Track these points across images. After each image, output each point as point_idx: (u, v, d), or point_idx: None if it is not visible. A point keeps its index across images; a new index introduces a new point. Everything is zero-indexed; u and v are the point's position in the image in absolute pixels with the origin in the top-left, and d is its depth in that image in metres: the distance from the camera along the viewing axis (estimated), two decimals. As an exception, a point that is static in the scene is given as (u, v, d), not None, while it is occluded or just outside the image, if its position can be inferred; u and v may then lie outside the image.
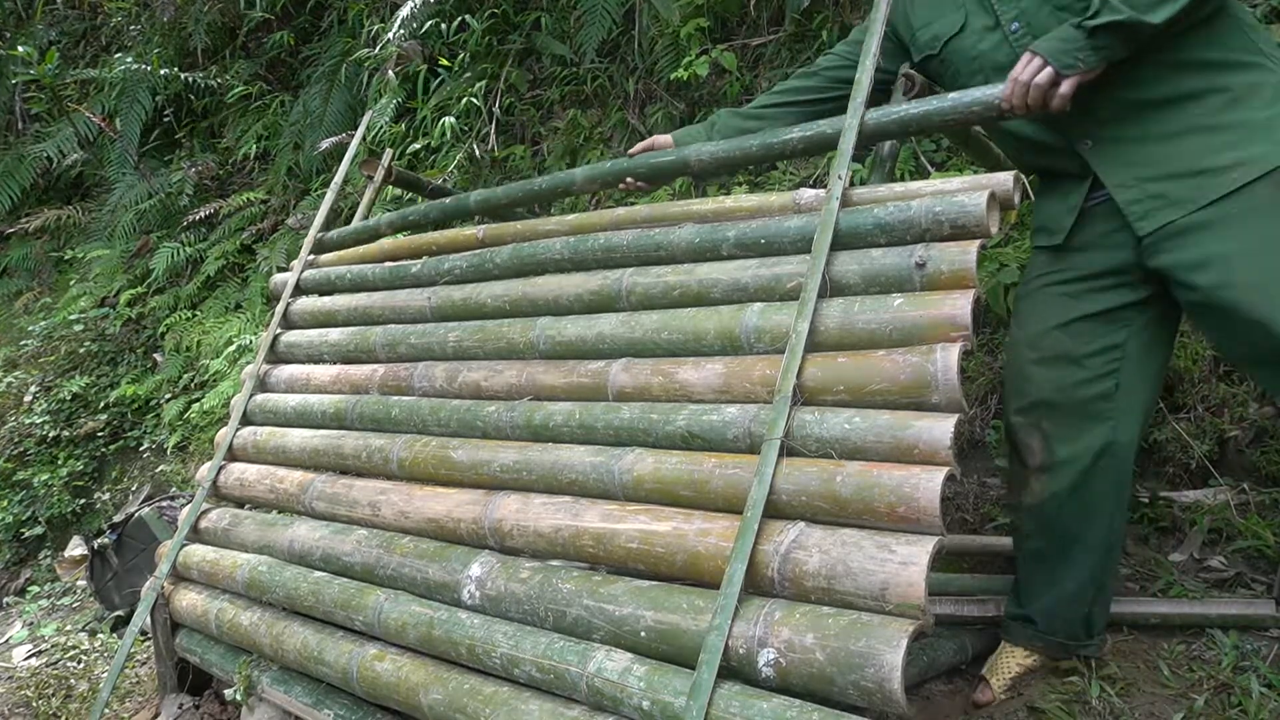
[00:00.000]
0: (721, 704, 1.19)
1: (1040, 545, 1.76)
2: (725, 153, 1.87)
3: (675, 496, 1.47)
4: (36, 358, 5.54)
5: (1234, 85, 1.51)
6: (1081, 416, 1.67)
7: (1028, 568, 1.82)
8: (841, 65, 1.94)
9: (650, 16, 3.77)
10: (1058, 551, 1.74)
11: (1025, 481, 1.74)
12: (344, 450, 2.10)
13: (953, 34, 1.75)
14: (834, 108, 1.88)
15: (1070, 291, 1.69)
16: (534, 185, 2.25)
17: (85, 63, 6.76)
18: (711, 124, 2.07)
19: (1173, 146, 1.54)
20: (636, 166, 2.02)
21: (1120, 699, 1.68)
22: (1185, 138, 1.53)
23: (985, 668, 1.86)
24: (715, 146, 1.88)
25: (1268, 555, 2.01)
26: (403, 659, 1.65)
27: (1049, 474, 1.70)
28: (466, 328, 2.06)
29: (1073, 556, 1.73)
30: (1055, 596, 1.77)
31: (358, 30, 4.94)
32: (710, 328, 1.61)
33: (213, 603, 2.14)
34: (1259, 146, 1.48)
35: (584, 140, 3.96)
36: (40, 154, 6.22)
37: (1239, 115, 1.50)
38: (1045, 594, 1.78)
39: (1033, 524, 1.76)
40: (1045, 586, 1.78)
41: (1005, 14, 1.66)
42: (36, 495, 4.77)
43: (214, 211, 5.34)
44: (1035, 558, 1.79)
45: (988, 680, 1.83)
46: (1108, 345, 1.66)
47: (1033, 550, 1.79)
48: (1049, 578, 1.77)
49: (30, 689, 2.86)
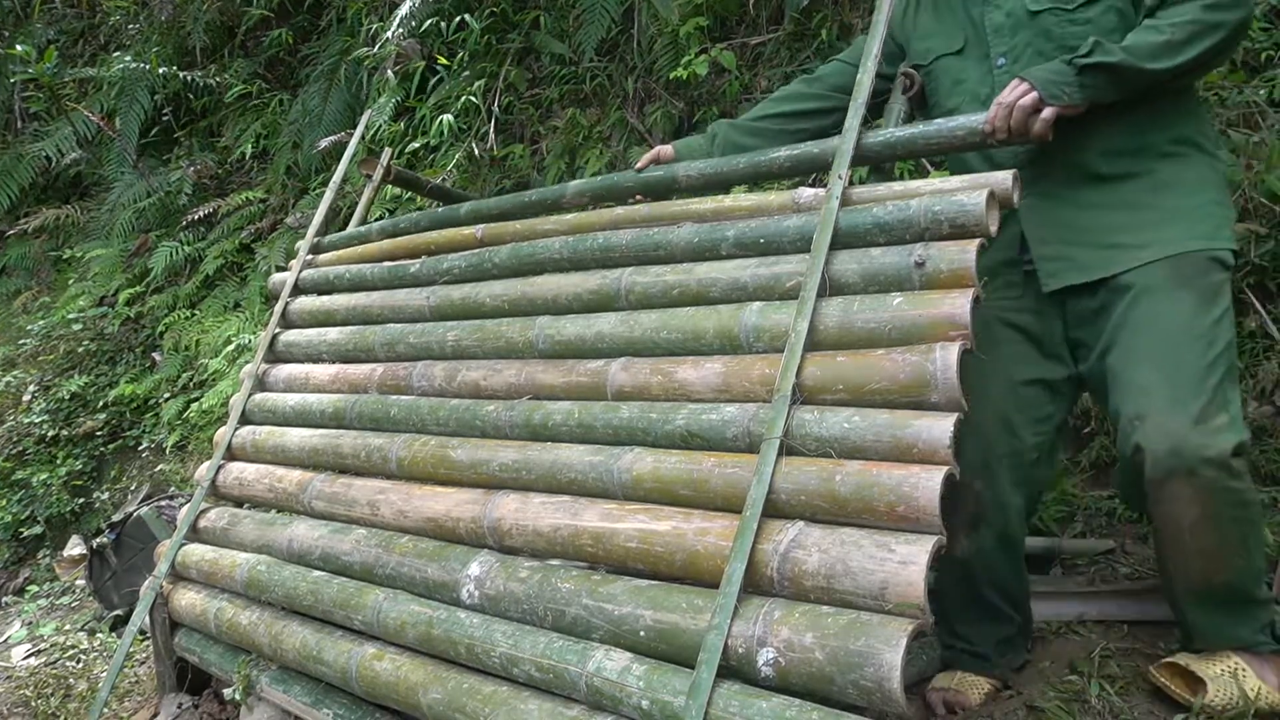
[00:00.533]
0: (721, 703, 1.19)
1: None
2: (714, 170, 1.90)
3: (674, 496, 1.47)
4: (35, 357, 5.53)
5: (1162, 170, 1.59)
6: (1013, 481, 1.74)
7: (950, 611, 1.88)
8: (843, 75, 1.94)
9: (649, 15, 3.77)
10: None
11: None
12: (343, 449, 2.10)
13: (947, 53, 1.78)
14: (834, 121, 1.89)
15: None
16: (524, 198, 2.28)
17: (84, 61, 6.75)
18: (712, 136, 2.06)
19: (1097, 218, 1.61)
20: (626, 181, 2.04)
21: (1120, 698, 1.68)
22: (1110, 212, 1.60)
23: (949, 682, 1.82)
24: (704, 164, 1.92)
25: (1267, 554, 2.00)
26: (402, 658, 1.65)
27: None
28: (465, 327, 2.06)
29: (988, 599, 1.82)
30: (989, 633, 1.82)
31: (357, 29, 4.93)
32: (709, 327, 1.61)
33: (211, 602, 2.14)
34: (1169, 231, 1.56)
35: (583, 139, 3.96)
36: (39, 153, 6.21)
37: (1161, 200, 1.58)
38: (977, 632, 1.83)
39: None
40: (971, 624, 1.84)
41: (996, 47, 1.69)
42: (35, 494, 4.77)
43: (213, 210, 5.33)
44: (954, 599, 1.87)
45: (963, 691, 1.80)
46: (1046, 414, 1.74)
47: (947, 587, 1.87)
48: (972, 617, 1.84)
49: (29, 688, 2.85)
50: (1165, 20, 1.49)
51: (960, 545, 1.73)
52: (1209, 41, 1.49)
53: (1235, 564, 1.53)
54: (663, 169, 2.01)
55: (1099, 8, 1.59)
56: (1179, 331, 1.50)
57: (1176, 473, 1.45)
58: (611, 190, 2.09)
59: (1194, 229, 1.56)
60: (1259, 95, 2.49)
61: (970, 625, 1.83)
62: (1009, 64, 1.66)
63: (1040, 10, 1.63)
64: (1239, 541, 1.52)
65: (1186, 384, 1.47)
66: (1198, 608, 1.59)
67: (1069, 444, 2.44)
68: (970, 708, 1.74)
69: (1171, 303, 1.52)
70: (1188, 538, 1.51)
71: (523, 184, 4.14)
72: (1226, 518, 1.49)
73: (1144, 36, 1.49)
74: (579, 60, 4.00)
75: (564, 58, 4.07)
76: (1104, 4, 1.59)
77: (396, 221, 2.58)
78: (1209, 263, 1.55)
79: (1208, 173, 1.61)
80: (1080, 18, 1.60)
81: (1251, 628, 1.58)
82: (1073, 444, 2.47)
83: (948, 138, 1.61)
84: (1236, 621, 1.58)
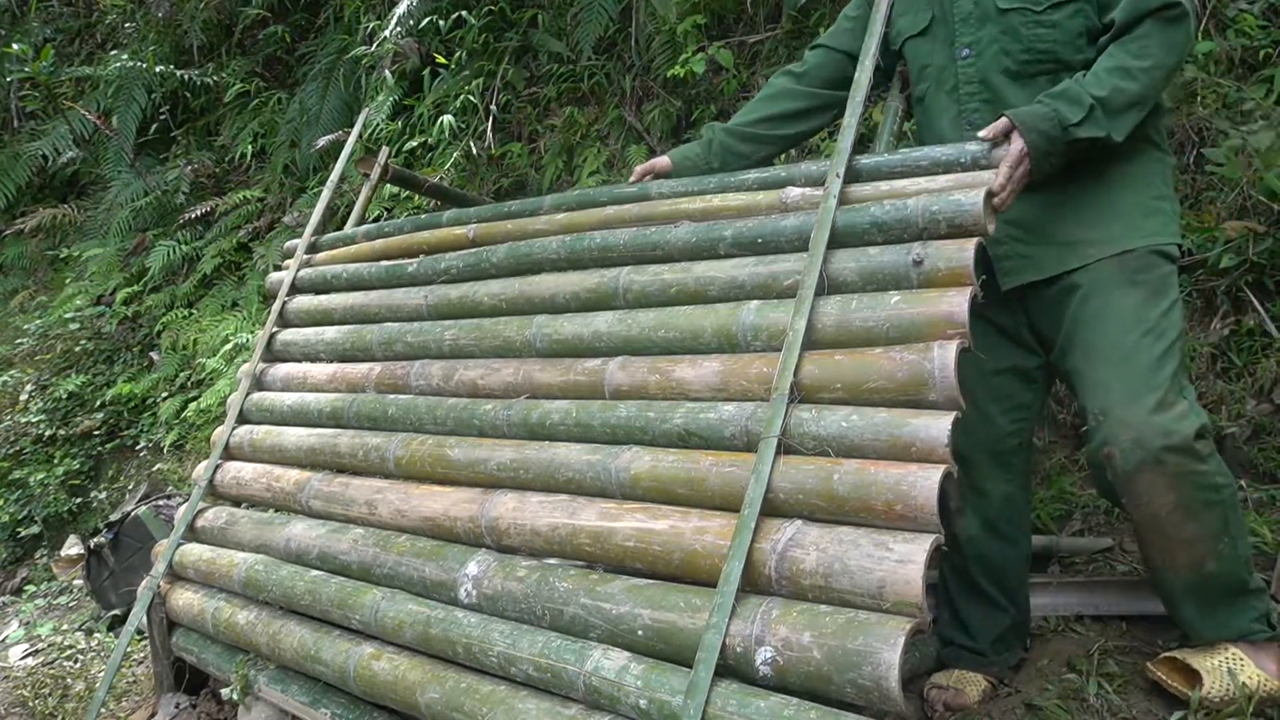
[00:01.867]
0: (719, 702, 1.18)
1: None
2: (685, 190, 1.90)
3: (672, 495, 1.47)
4: (32, 356, 5.53)
5: (1109, 172, 1.62)
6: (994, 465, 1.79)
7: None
8: (830, 66, 1.94)
9: (647, 13, 3.76)
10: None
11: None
12: (340, 449, 2.10)
13: (914, 34, 1.79)
14: (826, 121, 1.93)
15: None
16: (504, 208, 2.29)
17: (80, 60, 6.74)
18: (708, 142, 2.05)
19: (1049, 214, 1.64)
20: (601, 196, 2.05)
21: (1118, 695, 1.68)
22: (1061, 208, 1.63)
23: (948, 680, 1.82)
24: (675, 183, 1.93)
25: (1265, 551, 2.01)
26: (400, 658, 1.65)
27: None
28: (463, 326, 2.06)
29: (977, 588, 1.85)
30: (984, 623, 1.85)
31: (354, 27, 4.92)
32: (707, 326, 1.61)
33: (209, 602, 2.13)
34: (1115, 228, 1.59)
35: (581, 138, 3.96)
36: (35, 152, 6.20)
37: (1109, 198, 1.62)
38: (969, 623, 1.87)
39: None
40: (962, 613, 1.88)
41: (962, 37, 1.70)
42: (33, 494, 4.76)
43: (210, 209, 5.33)
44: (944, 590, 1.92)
45: (962, 690, 1.80)
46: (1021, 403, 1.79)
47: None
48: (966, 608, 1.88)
49: (27, 689, 2.85)
50: (1135, 62, 1.51)
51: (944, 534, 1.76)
52: (1161, 86, 1.55)
53: (1220, 551, 1.54)
54: (637, 187, 2.01)
55: (1067, 10, 1.60)
56: (1130, 326, 1.55)
57: (1145, 464, 1.48)
58: (587, 204, 2.08)
59: (1140, 226, 1.60)
60: (1257, 93, 2.49)
61: (968, 613, 1.86)
62: (973, 56, 1.67)
63: (1009, 9, 1.63)
64: (1219, 527, 1.53)
65: (1141, 376, 1.51)
66: (1192, 603, 1.59)
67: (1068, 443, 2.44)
68: (969, 706, 1.75)
69: (1121, 298, 1.57)
70: (1168, 529, 1.53)
71: (520, 182, 4.13)
72: (1199, 502, 1.51)
73: (1117, 83, 1.50)
74: (577, 59, 3.99)
75: (562, 56, 4.07)
76: (1072, 7, 1.60)
77: (381, 226, 2.57)
78: (1154, 256, 1.59)
79: (1155, 167, 1.64)
80: (1047, 20, 1.61)
81: (1247, 617, 1.59)
82: (1070, 442, 2.47)
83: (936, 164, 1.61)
84: (1231, 612, 1.59)
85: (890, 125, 1.88)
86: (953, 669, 1.85)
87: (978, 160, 1.55)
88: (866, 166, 1.65)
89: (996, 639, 1.83)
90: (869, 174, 1.64)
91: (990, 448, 1.78)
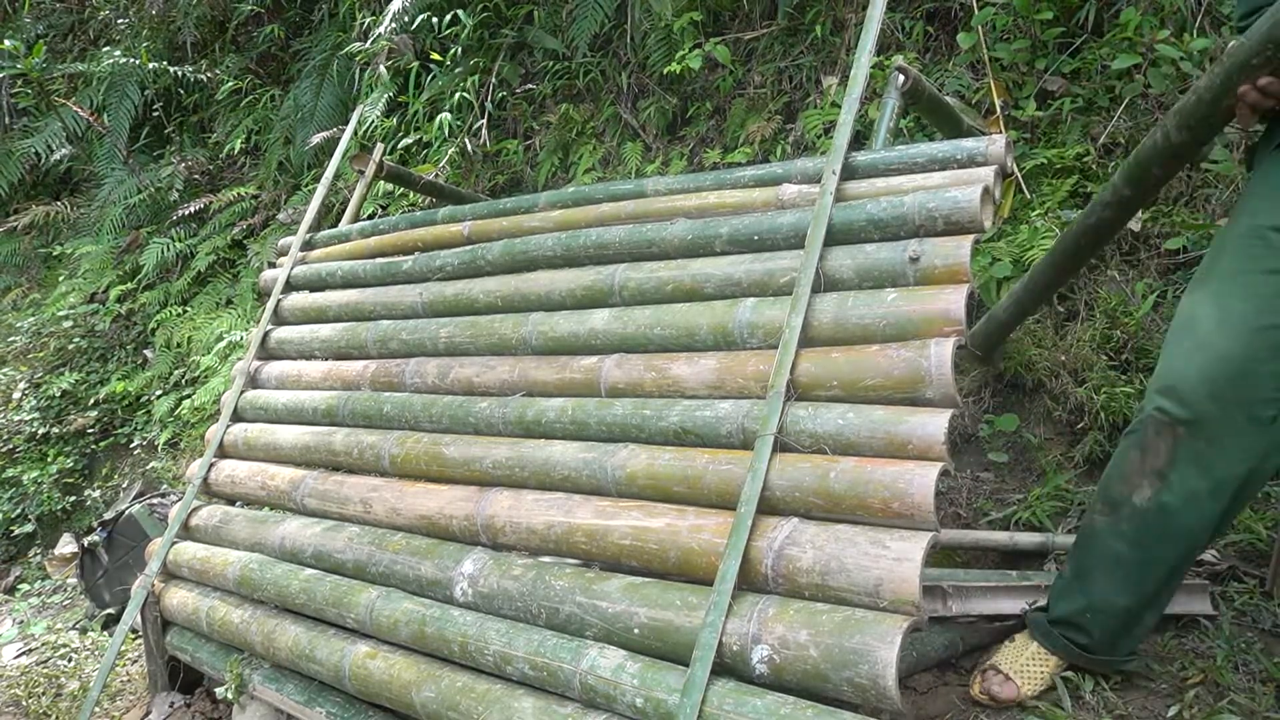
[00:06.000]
0: (715, 701, 1.18)
1: (1123, 550, 1.55)
2: (681, 186, 1.92)
3: (668, 492, 1.47)
4: (25, 354, 5.50)
5: None
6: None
7: (1097, 571, 1.61)
8: None
9: (643, 10, 3.76)
10: (1138, 564, 1.55)
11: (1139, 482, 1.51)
12: (335, 447, 2.09)
13: None
14: None
15: None
16: (500, 205, 2.29)
17: (73, 56, 6.70)
18: None
19: None
20: (596, 194, 2.04)
21: (1114, 693, 1.68)
22: None
23: (1004, 663, 1.71)
24: (671, 180, 1.94)
25: (1261, 549, 2.01)
26: (395, 657, 1.64)
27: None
28: (458, 323, 2.05)
29: (1147, 574, 1.55)
30: (1115, 607, 1.60)
31: (349, 24, 4.91)
32: (703, 323, 1.60)
33: (204, 600, 2.12)
34: None
35: (576, 135, 3.95)
36: (28, 149, 6.16)
37: None
38: (1107, 604, 1.60)
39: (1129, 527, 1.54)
40: (1110, 595, 1.59)
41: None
42: (26, 492, 4.74)
43: (204, 207, 5.30)
44: (1113, 562, 1.58)
45: (1009, 677, 1.69)
46: None
47: (1113, 553, 1.57)
48: (1118, 588, 1.58)
49: (20, 687, 2.84)
50: None
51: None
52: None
53: None
54: (632, 182, 2.03)
55: None
56: None
57: None
58: (581, 201, 2.10)
59: None
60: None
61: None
62: None
63: None
64: None
65: None
66: None
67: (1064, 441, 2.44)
68: (1011, 702, 1.65)
69: None
70: None
71: (516, 180, 4.12)
72: None
73: None
74: (572, 55, 3.98)
75: (557, 53, 4.06)
76: None
77: (376, 223, 2.58)
78: None
79: None
80: None
81: None
82: (1066, 439, 2.47)
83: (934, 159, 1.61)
84: None
85: (887, 122, 1.87)
86: (1030, 642, 1.69)
87: (974, 157, 1.54)
88: (863, 163, 1.65)
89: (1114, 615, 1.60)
90: (865, 171, 1.64)
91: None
